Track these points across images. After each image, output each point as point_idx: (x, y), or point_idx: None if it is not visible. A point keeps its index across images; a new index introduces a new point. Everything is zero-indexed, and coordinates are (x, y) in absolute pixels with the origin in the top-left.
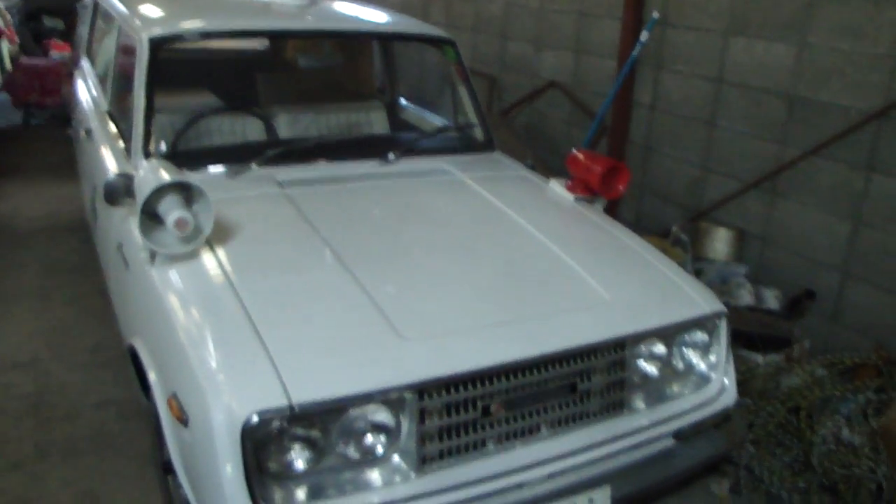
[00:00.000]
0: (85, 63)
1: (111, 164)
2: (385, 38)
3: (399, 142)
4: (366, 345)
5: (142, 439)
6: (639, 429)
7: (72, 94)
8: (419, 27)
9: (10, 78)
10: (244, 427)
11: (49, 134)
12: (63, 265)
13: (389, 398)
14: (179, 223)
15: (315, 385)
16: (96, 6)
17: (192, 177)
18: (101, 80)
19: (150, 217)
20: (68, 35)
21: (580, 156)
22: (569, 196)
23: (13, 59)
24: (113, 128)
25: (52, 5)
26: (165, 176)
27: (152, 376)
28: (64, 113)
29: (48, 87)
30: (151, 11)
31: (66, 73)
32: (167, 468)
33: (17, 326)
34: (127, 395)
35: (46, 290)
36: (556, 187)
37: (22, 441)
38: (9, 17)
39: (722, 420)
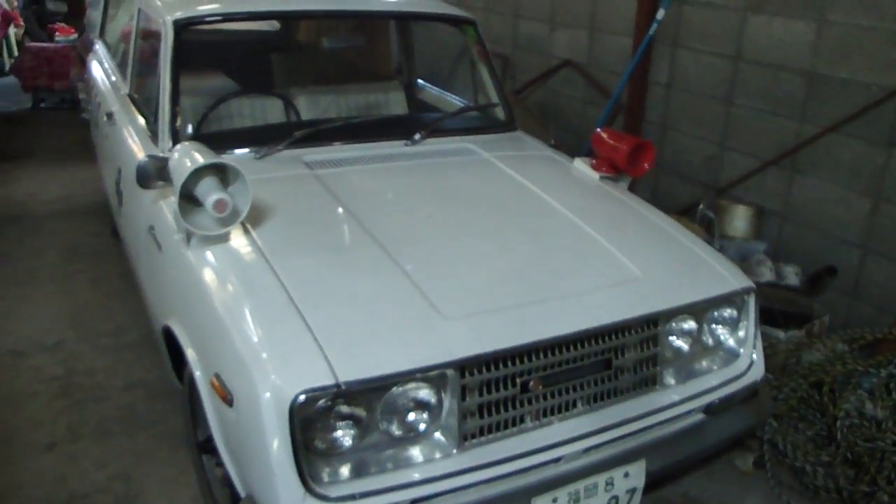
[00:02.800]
0: (100, 46)
1: (137, 148)
2: (406, 18)
3: (423, 122)
4: (407, 323)
5: (172, 420)
6: (670, 404)
7: (88, 78)
8: (439, 7)
9: (18, 62)
10: (292, 405)
11: (60, 117)
12: (82, 248)
13: (432, 376)
14: (219, 205)
15: (360, 363)
16: None
17: (222, 158)
18: (120, 63)
19: (187, 199)
20: (72, 18)
21: (605, 135)
22: (594, 174)
23: (19, 44)
24: (135, 111)
25: None
26: (201, 158)
27: (192, 357)
28: (74, 96)
29: (56, 70)
30: None
31: (76, 56)
32: (203, 448)
33: (40, 310)
34: (154, 376)
35: (67, 274)
36: (581, 166)
37: (55, 423)
38: (14, 0)
39: (750, 395)
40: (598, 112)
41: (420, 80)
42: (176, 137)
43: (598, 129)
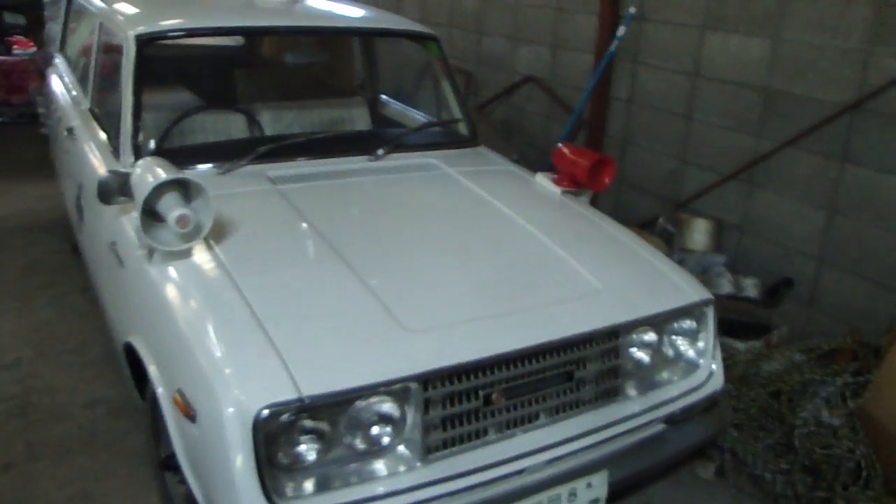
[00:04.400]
0: (59, 60)
1: (98, 163)
2: (369, 35)
3: (386, 137)
4: (370, 337)
5: (133, 438)
6: (632, 415)
7: (47, 93)
8: (402, 23)
9: None
10: (255, 420)
11: (18, 132)
12: (42, 265)
13: (395, 389)
14: (181, 220)
15: (324, 377)
16: (69, 2)
17: (185, 174)
18: (81, 77)
19: (149, 214)
20: (31, 31)
21: (566, 150)
22: (556, 189)
23: None
24: (96, 126)
25: (12, 1)
26: (164, 173)
27: (154, 373)
28: (32, 110)
29: (14, 84)
30: (134, 8)
31: (35, 69)
32: (165, 465)
33: None
34: (115, 393)
35: (26, 291)
36: (543, 181)
37: (12, 442)
38: None
39: (710, 405)
40: (560, 127)
41: (383, 96)
42: (138, 153)
43: (559, 145)
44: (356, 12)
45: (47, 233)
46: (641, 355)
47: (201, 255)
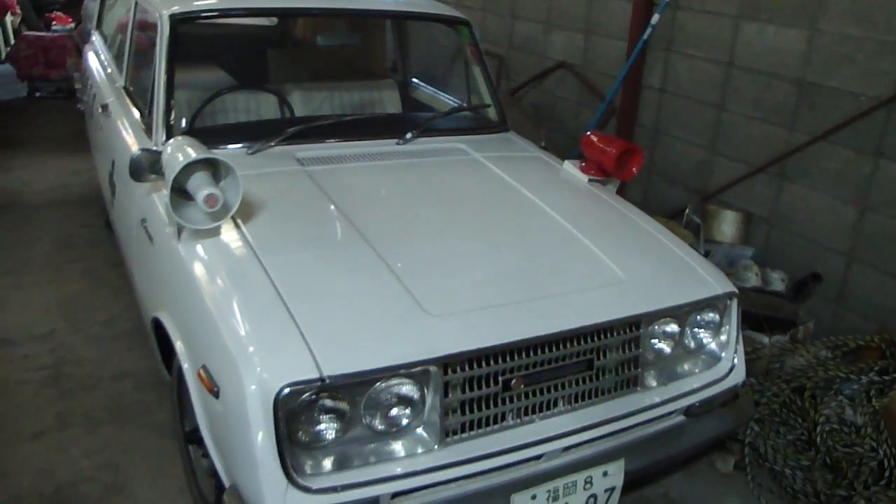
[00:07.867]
0: (96, 38)
1: (131, 141)
2: (401, 18)
3: (415, 121)
4: (392, 319)
5: (160, 411)
6: (651, 405)
7: (84, 69)
8: (434, 7)
9: (14, 51)
10: (277, 398)
11: (55, 107)
12: (75, 239)
13: (415, 372)
14: (209, 199)
15: (345, 358)
16: None
17: (214, 153)
18: (116, 55)
19: (178, 193)
20: (69, 7)
21: (594, 138)
22: (583, 177)
23: (16, 32)
24: (130, 104)
25: None
26: (193, 152)
27: (180, 349)
28: (69, 86)
29: (52, 59)
30: None
31: (73, 46)
32: (190, 439)
33: (32, 299)
34: (143, 367)
35: (59, 264)
36: (571, 168)
37: (43, 411)
38: None
39: (731, 398)
40: (591, 114)
41: (415, 80)
42: (170, 131)
43: (589, 133)
44: None
45: (81, 207)
46: (663, 346)
47: (229, 234)
